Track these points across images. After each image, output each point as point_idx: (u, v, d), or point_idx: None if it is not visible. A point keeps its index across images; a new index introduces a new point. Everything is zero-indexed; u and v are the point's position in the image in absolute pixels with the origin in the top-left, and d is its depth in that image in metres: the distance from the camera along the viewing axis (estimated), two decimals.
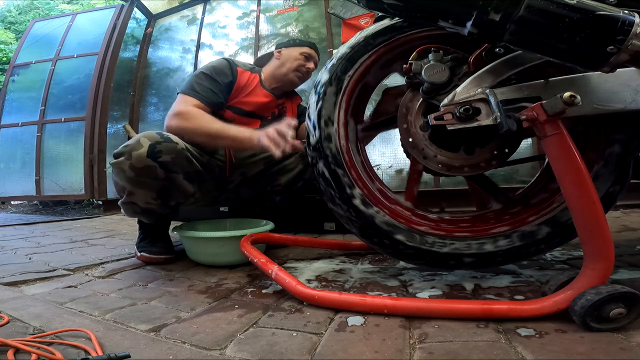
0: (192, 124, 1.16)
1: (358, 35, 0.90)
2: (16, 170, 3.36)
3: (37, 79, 3.43)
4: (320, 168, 0.87)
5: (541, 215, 0.80)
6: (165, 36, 3.59)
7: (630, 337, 0.54)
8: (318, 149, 0.87)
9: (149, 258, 1.15)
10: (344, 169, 0.86)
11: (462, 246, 0.81)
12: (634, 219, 1.71)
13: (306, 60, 1.42)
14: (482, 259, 0.81)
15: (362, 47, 0.88)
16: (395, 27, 0.87)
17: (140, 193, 1.09)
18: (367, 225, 0.84)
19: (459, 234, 0.83)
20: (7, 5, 9.61)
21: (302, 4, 3.11)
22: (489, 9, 0.58)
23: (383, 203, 0.87)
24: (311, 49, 1.45)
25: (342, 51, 0.90)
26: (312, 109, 0.90)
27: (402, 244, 0.82)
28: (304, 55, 1.41)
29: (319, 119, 0.88)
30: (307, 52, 1.42)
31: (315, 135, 0.88)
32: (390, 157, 2.52)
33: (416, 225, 0.85)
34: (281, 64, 1.41)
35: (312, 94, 0.91)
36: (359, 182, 0.86)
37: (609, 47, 0.55)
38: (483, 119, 0.70)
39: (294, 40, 1.47)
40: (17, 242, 1.65)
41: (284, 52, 1.42)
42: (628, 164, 0.77)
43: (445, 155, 0.84)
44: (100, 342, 0.57)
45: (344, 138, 0.88)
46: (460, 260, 0.81)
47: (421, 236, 0.83)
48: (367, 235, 0.86)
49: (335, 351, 0.54)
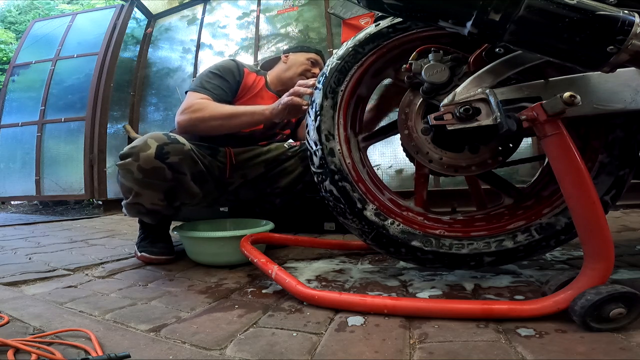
0: (205, 113, 1.19)
1: (345, 46, 0.91)
2: (16, 170, 3.36)
3: (37, 79, 3.43)
4: (328, 186, 0.87)
5: (555, 207, 0.80)
6: (165, 36, 3.59)
7: (630, 337, 0.54)
8: (322, 165, 0.88)
9: (149, 258, 1.15)
10: (353, 184, 0.86)
11: (482, 245, 0.81)
12: (634, 219, 1.71)
13: (312, 66, 1.46)
14: (503, 256, 0.81)
15: (351, 58, 0.89)
16: (382, 34, 0.87)
17: (147, 194, 1.09)
18: (381, 236, 0.84)
19: (475, 234, 0.83)
20: (7, 5, 9.61)
21: (302, 4, 3.11)
22: (489, 9, 0.58)
23: (395, 212, 0.87)
24: (318, 55, 1.49)
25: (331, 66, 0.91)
26: (311, 127, 0.90)
27: (419, 250, 0.83)
28: (311, 61, 1.45)
29: (320, 135, 0.88)
30: (313, 58, 1.46)
31: (318, 153, 0.88)
32: (390, 157, 2.52)
33: (431, 229, 0.85)
34: (287, 67, 1.44)
35: (308, 115, 0.92)
36: (369, 195, 0.87)
37: (609, 47, 0.55)
38: (483, 119, 0.70)
39: (301, 47, 1.52)
40: (17, 242, 1.65)
41: (291, 56, 1.46)
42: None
43: (451, 156, 0.84)
44: (100, 342, 0.57)
45: (347, 152, 0.89)
46: (480, 260, 0.81)
47: (437, 239, 0.83)
48: (383, 245, 0.86)
49: (335, 351, 0.54)
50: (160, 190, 1.09)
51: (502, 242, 0.80)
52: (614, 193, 0.77)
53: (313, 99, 0.92)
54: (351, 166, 0.88)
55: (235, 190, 1.41)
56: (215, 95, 1.26)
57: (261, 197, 1.44)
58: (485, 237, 0.82)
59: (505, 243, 0.80)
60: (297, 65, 1.44)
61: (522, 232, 0.80)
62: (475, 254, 0.81)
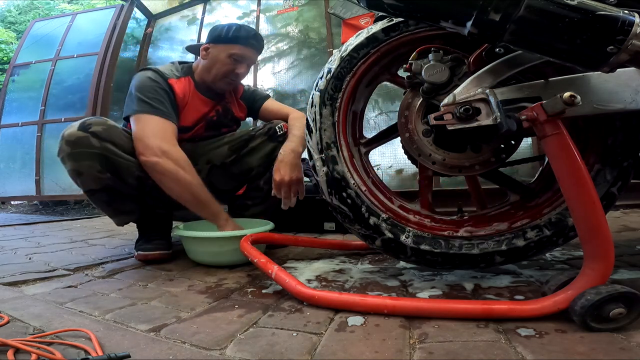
0: (185, 178, 1.09)
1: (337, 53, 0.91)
2: (16, 170, 3.36)
3: (37, 79, 3.44)
4: (335, 202, 0.87)
5: (562, 202, 0.80)
6: (165, 36, 3.59)
7: (630, 337, 0.54)
8: (328, 174, 0.88)
9: (144, 255, 1.15)
10: (360, 196, 0.87)
11: (492, 244, 0.81)
12: (634, 219, 1.71)
13: (236, 64, 1.22)
14: (514, 254, 0.81)
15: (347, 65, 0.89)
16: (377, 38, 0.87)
17: (84, 167, 1.05)
18: (390, 240, 0.85)
19: (483, 233, 0.83)
20: (7, 5, 9.61)
21: (302, 4, 3.11)
22: (489, 9, 0.58)
23: (405, 218, 0.88)
24: (244, 47, 1.21)
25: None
26: (314, 143, 0.89)
27: (429, 253, 0.83)
28: (234, 58, 1.21)
29: (321, 149, 0.88)
30: (237, 54, 1.21)
31: (322, 169, 0.88)
32: (390, 157, 2.52)
33: (439, 231, 0.85)
34: (208, 67, 1.24)
35: (306, 128, 0.92)
36: (382, 207, 0.88)
37: (609, 47, 0.55)
38: (483, 119, 0.70)
39: (226, 32, 1.21)
40: (17, 242, 1.65)
41: (211, 50, 1.23)
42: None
43: (454, 156, 0.83)
44: (100, 342, 0.57)
45: (350, 162, 0.89)
46: (492, 259, 0.81)
47: (446, 241, 0.83)
48: (392, 250, 0.86)
49: (335, 351, 0.54)
50: (93, 159, 1.05)
51: (512, 240, 0.81)
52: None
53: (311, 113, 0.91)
54: (358, 180, 0.90)
55: (208, 180, 1.29)
56: (174, 118, 1.16)
57: (242, 184, 1.38)
58: (494, 236, 0.83)
59: (516, 240, 0.81)
60: (217, 66, 1.22)
61: (531, 229, 0.81)
62: (485, 253, 0.81)
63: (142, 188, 1.16)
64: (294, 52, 3.07)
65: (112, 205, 1.17)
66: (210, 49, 1.24)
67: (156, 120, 1.12)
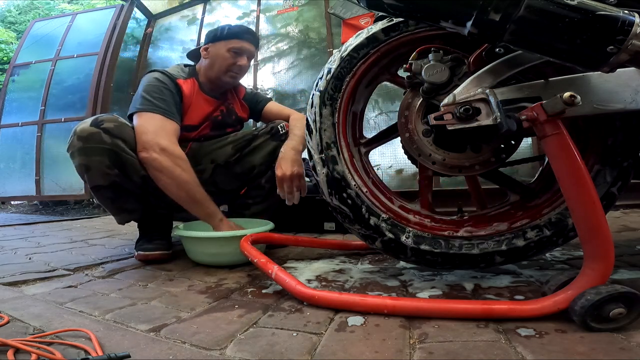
0: (181, 175, 1.09)
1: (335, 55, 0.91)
2: (16, 170, 3.36)
3: (37, 79, 3.44)
4: (335, 202, 0.87)
5: (562, 202, 0.80)
6: (165, 36, 3.59)
7: (630, 337, 0.54)
8: (328, 175, 0.88)
9: (144, 255, 1.15)
10: (360, 196, 0.87)
11: (492, 244, 0.81)
12: (634, 219, 1.71)
13: (236, 57, 1.26)
14: (514, 254, 0.81)
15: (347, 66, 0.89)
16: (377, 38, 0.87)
17: (94, 162, 1.06)
18: (391, 241, 0.85)
19: (483, 233, 0.84)
20: (7, 5, 9.62)
21: (302, 4, 3.11)
22: (489, 9, 0.58)
23: (405, 218, 0.88)
24: (241, 40, 1.26)
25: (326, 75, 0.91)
26: (314, 143, 0.89)
27: (429, 254, 0.83)
28: (233, 51, 1.26)
29: (321, 149, 0.88)
30: (236, 47, 1.26)
31: (323, 169, 0.88)
32: (390, 157, 2.52)
33: (439, 231, 0.85)
34: (210, 65, 1.28)
35: (306, 129, 0.91)
36: (382, 207, 0.88)
37: (609, 47, 0.55)
38: (483, 119, 0.70)
39: (221, 31, 1.27)
40: (17, 242, 1.66)
41: (211, 49, 1.27)
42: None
43: (454, 156, 0.83)
44: (100, 342, 0.57)
45: (350, 162, 0.89)
46: (492, 259, 0.81)
47: (446, 241, 0.83)
48: (392, 251, 0.86)
49: (335, 351, 0.54)
50: (104, 154, 1.06)
51: (512, 240, 0.81)
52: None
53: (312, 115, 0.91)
54: (360, 182, 0.90)
55: (212, 179, 1.33)
56: (176, 117, 1.18)
57: (244, 183, 1.38)
58: (494, 236, 0.83)
59: (516, 240, 0.81)
60: (219, 61, 1.26)
61: (531, 229, 0.81)
62: (485, 253, 0.81)
63: (146, 186, 1.17)
64: (294, 52, 3.07)
65: (116, 202, 1.17)
66: (210, 48, 1.28)
67: (157, 118, 1.14)
